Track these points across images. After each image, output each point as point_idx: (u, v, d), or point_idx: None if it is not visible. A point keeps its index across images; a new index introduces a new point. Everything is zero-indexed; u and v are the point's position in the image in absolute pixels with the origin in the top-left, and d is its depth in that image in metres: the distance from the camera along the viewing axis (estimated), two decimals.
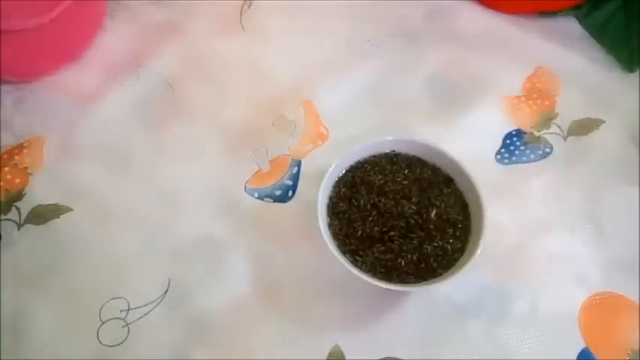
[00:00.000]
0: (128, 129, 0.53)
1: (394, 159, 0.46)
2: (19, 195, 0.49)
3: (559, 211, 0.48)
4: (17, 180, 0.50)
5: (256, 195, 0.49)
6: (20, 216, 0.48)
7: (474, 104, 0.54)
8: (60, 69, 0.57)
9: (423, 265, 0.41)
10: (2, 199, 0.49)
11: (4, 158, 0.51)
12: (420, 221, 0.43)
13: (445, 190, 0.45)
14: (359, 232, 0.42)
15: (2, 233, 0.47)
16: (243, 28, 0.61)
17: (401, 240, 0.42)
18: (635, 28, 0.56)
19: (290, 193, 0.49)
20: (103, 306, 0.43)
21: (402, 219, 0.43)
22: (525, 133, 0.52)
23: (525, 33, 0.59)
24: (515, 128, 0.52)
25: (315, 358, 0.41)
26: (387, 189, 0.44)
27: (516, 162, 0.51)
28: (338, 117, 0.53)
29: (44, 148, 0.52)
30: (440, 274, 0.41)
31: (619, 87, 0.55)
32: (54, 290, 0.44)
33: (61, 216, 0.48)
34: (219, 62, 0.58)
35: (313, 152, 0.51)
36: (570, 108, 0.53)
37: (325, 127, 0.53)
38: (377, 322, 0.43)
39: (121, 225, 0.48)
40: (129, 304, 0.44)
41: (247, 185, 0.50)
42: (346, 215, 0.43)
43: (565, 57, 0.57)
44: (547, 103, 0.54)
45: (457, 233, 0.43)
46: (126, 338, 0.42)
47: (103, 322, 0.43)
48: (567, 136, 0.52)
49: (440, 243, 0.42)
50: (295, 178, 0.50)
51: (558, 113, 0.53)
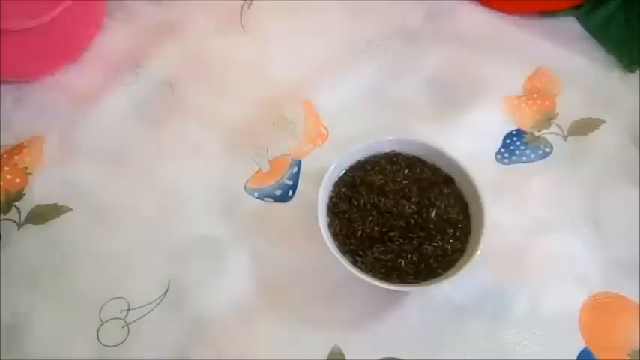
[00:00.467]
0: (128, 129, 0.53)
1: (394, 159, 0.46)
2: (19, 195, 0.49)
3: (559, 211, 0.48)
4: (17, 180, 0.50)
5: (256, 195, 0.49)
6: (20, 216, 0.48)
7: (474, 104, 0.54)
8: (60, 69, 0.57)
9: (423, 265, 0.41)
10: (2, 199, 0.49)
11: (4, 158, 0.51)
12: (420, 221, 0.43)
13: (445, 190, 0.45)
14: (359, 232, 0.42)
15: (2, 233, 0.47)
16: (243, 28, 0.61)
17: (401, 240, 0.42)
18: (635, 28, 0.56)
19: (290, 193, 0.49)
20: (103, 306, 0.43)
21: (402, 219, 0.43)
22: (525, 133, 0.52)
23: (525, 33, 0.59)
24: (515, 128, 0.52)
25: (315, 358, 0.41)
26: (387, 189, 0.44)
27: (516, 162, 0.51)
28: (338, 117, 0.53)
29: (44, 148, 0.52)
30: (440, 274, 0.41)
31: (619, 87, 0.55)
32: (54, 290, 0.44)
33: (61, 216, 0.48)
34: (219, 62, 0.58)
35: (313, 152, 0.51)
36: (570, 108, 0.53)
37: (325, 127, 0.53)
38: (377, 322, 0.43)
39: (121, 225, 0.48)
40: (129, 304, 0.44)
41: (247, 185, 0.50)
42: (346, 215, 0.43)
43: (565, 57, 0.57)
44: (547, 103, 0.54)
45: (457, 233, 0.43)
46: (126, 338, 0.42)
47: (103, 322, 0.43)
48: (567, 136, 0.52)
49: (440, 243, 0.42)
50: (295, 178, 0.50)
51: (558, 113, 0.53)
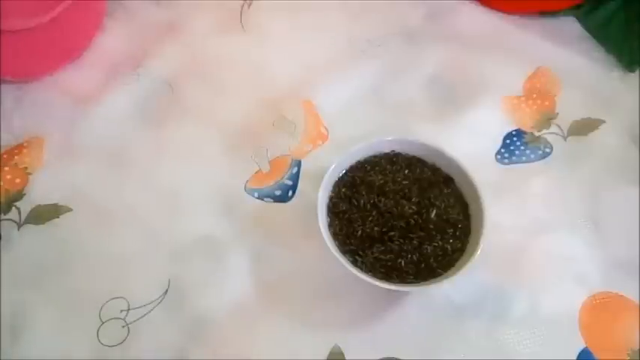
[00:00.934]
0: (128, 129, 0.53)
1: (394, 159, 0.46)
2: (19, 195, 0.49)
3: (559, 211, 0.48)
4: (17, 180, 0.50)
5: (256, 195, 0.49)
6: (20, 216, 0.48)
7: (474, 104, 0.54)
8: (60, 69, 0.57)
9: (423, 265, 0.41)
10: (2, 199, 0.49)
11: (4, 158, 0.51)
12: (420, 221, 0.43)
13: (445, 190, 0.45)
14: (359, 232, 0.42)
15: (2, 233, 0.47)
16: (243, 28, 0.61)
17: (401, 240, 0.42)
18: (635, 28, 0.56)
19: (290, 193, 0.49)
20: (103, 306, 0.43)
21: (402, 219, 0.43)
22: (525, 133, 0.52)
23: (525, 33, 0.59)
24: (515, 128, 0.52)
25: (315, 358, 0.41)
26: (387, 189, 0.44)
27: (516, 162, 0.51)
28: (338, 117, 0.53)
29: (44, 148, 0.52)
30: (440, 274, 0.41)
31: (619, 87, 0.55)
32: (54, 290, 0.44)
33: (61, 216, 0.48)
34: (219, 62, 0.58)
35: (313, 152, 0.51)
36: (570, 108, 0.53)
37: (325, 127, 0.53)
38: (377, 322, 0.43)
39: (121, 225, 0.48)
40: (129, 304, 0.44)
41: (247, 185, 0.50)
42: (346, 215, 0.43)
43: (565, 57, 0.57)
44: (547, 103, 0.54)
45: (457, 233, 0.43)
46: (126, 338, 0.42)
47: (103, 322, 0.43)
48: (567, 136, 0.52)
49: (440, 243, 0.42)
50: (295, 178, 0.50)
51: (558, 113, 0.53)
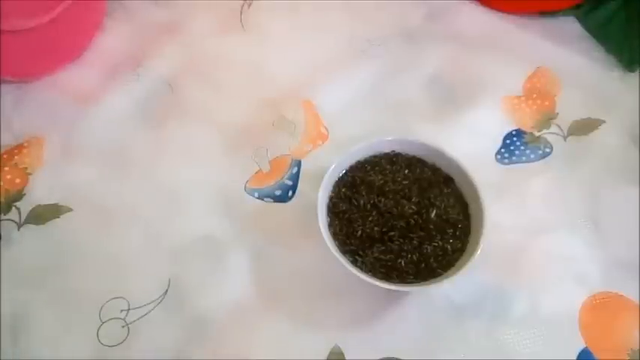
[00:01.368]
0: (128, 129, 0.53)
1: (394, 159, 0.46)
2: (19, 195, 0.49)
3: (559, 211, 0.48)
4: (17, 180, 0.50)
5: (256, 195, 0.49)
6: (20, 216, 0.48)
7: (474, 104, 0.54)
8: (60, 69, 0.57)
9: (423, 265, 0.41)
10: (2, 199, 0.49)
11: (4, 158, 0.51)
12: (420, 221, 0.43)
13: (445, 190, 0.45)
14: (359, 232, 0.42)
15: (2, 233, 0.47)
16: (243, 28, 0.61)
17: (401, 240, 0.42)
18: (635, 28, 0.56)
19: (290, 193, 0.49)
20: (103, 306, 0.43)
21: (402, 219, 0.43)
22: (525, 133, 0.52)
23: (525, 33, 0.59)
24: (515, 128, 0.52)
25: (315, 358, 0.41)
26: (387, 189, 0.44)
27: (516, 162, 0.51)
28: (338, 117, 0.53)
29: (44, 148, 0.52)
30: (440, 274, 0.41)
31: (619, 87, 0.55)
32: (54, 290, 0.44)
33: (61, 216, 0.48)
34: (219, 62, 0.58)
35: (313, 152, 0.51)
36: (570, 108, 0.53)
37: (325, 127, 0.53)
38: (377, 322, 0.43)
39: (121, 225, 0.48)
40: (129, 304, 0.44)
41: (247, 185, 0.50)
42: (346, 215, 0.43)
43: (565, 57, 0.57)
44: (547, 103, 0.54)
45: (457, 233, 0.43)
46: (126, 338, 0.42)
47: (103, 322, 0.43)
48: (567, 136, 0.52)
49: (440, 243, 0.42)
50: (295, 178, 0.50)
51: (558, 113, 0.53)
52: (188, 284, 0.45)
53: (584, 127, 0.52)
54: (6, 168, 0.51)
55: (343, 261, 0.40)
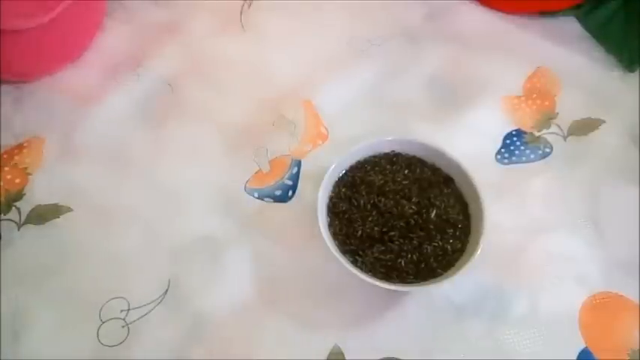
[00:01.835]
0: (128, 129, 0.53)
1: (394, 159, 0.46)
2: (19, 195, 0.49)
3: (559, 211, 0.48)
4: (17, 180, 0.50)
5: (256, 195, 0.49)
6: (20, 216, 0.48)
7: (474, 104, 0.54)
8: (60, 69, 0.57)
9: (423, 265, 0.41)
10: (2, 199, 0.49)
11: (4, 158, 0.51)
12: (420, 221, 0.43)
13: (445, 190, 0.45)
14: (359, 232, 0.42)
15: (2, 233, 0.47)
16: (243, 28, 0.61)
17: (401, 240, 0.42)
18: (635, 28, 0.56)
19: (290, 193, 0.49)
20: (103, 306, 0.43)
21: (402, 219, 0.43)
22: (525, 133, 0.52)
23: (525, 33, 0.59)
24: (515, 128, 0.52)
25: (315, 358, 0.41)
26: (387, 189, 0.44)
27: (516, 162, 0.51)
28: (338, 117, 0.53)
29: (44, 148, 0.52)
30: (440, 274, 0.41)
31: (619, 87, 0.55)
32: (54, 290, 0.44)
33: (61, 216, 0.48)
34: (219, 62, 0.58)
35: (313, 152, 0.51)
36: (570, 108, 0.53)
37: (325, 127, 0.53)
38: (377, 322, 0.43)
39: (121, 225, 0.48)
40: (129, 304, 0.44)
41: (247, 185, 0.50)
42: (346, 215, 0.43)
43: (565, 57, 0.57)
44: (547, 103, 0.54)
45: (457, 233, 0.43)
46: (126, 338, 0.42)
47: (103, 322, 0.43)
48: (567, 136, 0.52)
49: (440, 243, 0.42)
50: (295, 178, 0.50)
51: (558, 113, 0.53)
52: (188, 284, 0.45)
53: (584, 127, 0.52)
54: (6, 168, 0.51)
55: (343, 261, 0.40)
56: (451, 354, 0.41)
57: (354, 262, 0.41)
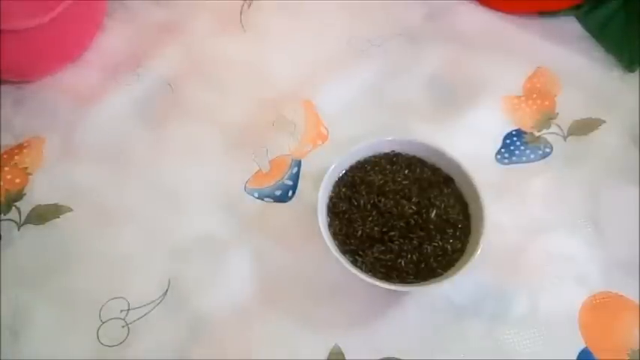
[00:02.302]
0: (128, 129, 0.53)
1: (394, 159, 0.46)
2: (19, 195, 0.49)
3: (559, 211, 0.48)
4: (17, 180, 0.50)
5: (256, 195, 0.49)
6: (20, 216, 0.48)
7: (474, 104, 0.54)
8: (60, 69, 0.57)
9: (423, 265, 0.41)
10: (2, 199, 0.49)
11: (4, 158, 0.51)
12: (420, 221, 0.43)
13: (445, 190, 0.45)
14: (359, 232, 0.42)
15: (2, 233, 0.47)
16: (243, 28, 0.61)
17: (401, 240, 0.42)
18: (635, 28, 0.56)
19: (290, 193, 0.49)
20: (103, 306, 0.43)
21: (402, 219, 0.43)
22: (525, 133, 0.52)
23: (525, 33, 0.59)
24: (515, 128, 0.52)
25: (315, 358, 0.41)
26: (387, 189, 0.44)
27: (516, 162, 0.51)
28: (338, 117, 0.53)
29: (44, 148, 0.52)
30: (440, 274, 0.41)
31: (619, 87, 0.55)
32: (54, 290, 0.44)
33: (61, 216, 0.48)
34: (219, 62, 0.58)
35: (313, 152, 0.51)
36: (570, 108, 0.53)
37: (325, 127, 0.53)
38: (377, 322, 0.43)
39: (121, 225, 0.48)
40: (129, 304, 0.44)
41: (247, 185, 0.50)
42: (346, 215, 0.43)
43: (565, 57, 0.57)
44: (547, 103, 0.54)
45: (457, 233, 0.43)
46: (126, 338, 0.42)
47: (103, 322, 0.43)
48: (567, 136, 0.52)
49: (440, 243, 0.42)
50: (295, 178, 0.50)
51: (558, 113, 0.53)
52: (188, 284, 0.45)
53: (584, 127, 0.52)
54: (6, 168, 0.51)
55: (343, 261, 0.41)
56: (451, 354, 0.41)
57: (354, 262, 0.41)
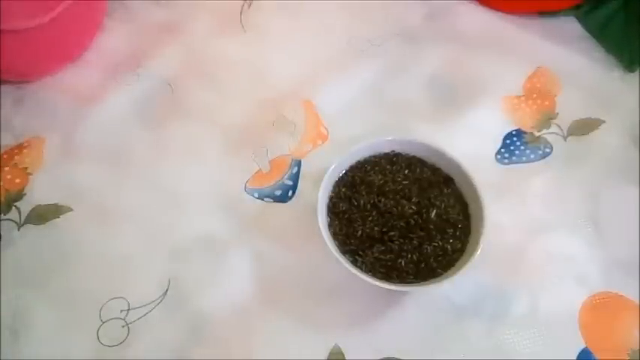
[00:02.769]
0: (128, 129, 0.53)
1: (394, 159, 0.46)
2: (19, 195, 0.49)
3: (559, 211, 0.48)
4: (17, 180, 0.50)
5: (256, 195, 0.49)
6: (20, 216, 0.48)
7: (474, 104, 0.54)
8: (60, 69, 0.57)
9: (423, 265, 0.41)
10: (2, 199, 0.49)
11: (4, 158, 0.51)
12: (420, 221, 0.43)
13: (445, 190, 0.45)
14: (359, 232, 0.42)
15: (2, 233, 0.47)
16: (243, 28, 0.61)
17: (401, 240, 0.42)
18: (635, 28, 0.56)
19: (290, 193, 0.49)
20: (103, 306, 0.43)
21: (402, 219, 0.43)
22: (525, 133, 0.52)
23: (525, 33, 0.59)
24: (515, 128, 0.52)
25: (315, 358, 0.41)
26: (387, 189, 0.44)
27: (516, 162, 0.51)
28: (338, 117, 0.53)
29: (44, 148, 0.52)
30: (440, 274, 0.41)
31: (619, 87, 0.55)
32: (54, 290, 0.44)
33: (61, 216, 0.48)
34: (219, 62, 0.58)
35: (313, 152, 0.51)
36: (570, 108, 0.53)
37: (325, 127, 0.53)
38: (377, 322, 0.43)
39: (121, 225, 0.48)
40: (129, 304, 0.44)
41: (247, 185, 0.50)
42: (346, 215, 0.43)
43: (565, 57, 0.57)
44: (547, 103, 0.54)
45: (457, 233, 0.43)
46: (126, 338, 0.42)
47: (103, 322, 0.43)
48: (567, 136, 0.52)
49: (440, 243, 0.42)
50: (295, 178, 0.50)
51: (558, 113, 0.53)
52: (188, 284, 0.45)
53: (584, 127, 0.52)
54: (6, 168, 0.51)
55: (343, 261, 0.41)
56: (451, 354, 0.41)
57: (354, 262, 0.41)
